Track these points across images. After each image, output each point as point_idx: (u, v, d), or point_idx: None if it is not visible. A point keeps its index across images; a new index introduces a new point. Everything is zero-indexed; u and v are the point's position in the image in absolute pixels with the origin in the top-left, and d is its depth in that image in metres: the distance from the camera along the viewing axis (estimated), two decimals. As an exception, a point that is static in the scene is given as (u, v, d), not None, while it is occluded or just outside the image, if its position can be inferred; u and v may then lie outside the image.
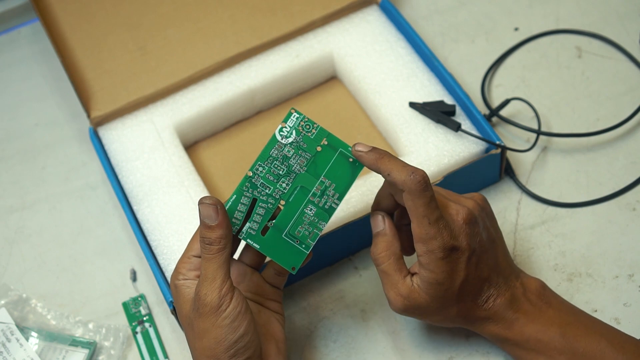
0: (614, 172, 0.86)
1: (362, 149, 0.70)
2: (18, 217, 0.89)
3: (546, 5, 0.98)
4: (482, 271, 0.70)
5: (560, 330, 0.70)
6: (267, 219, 0.70)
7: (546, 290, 0.73)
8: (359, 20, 0.92)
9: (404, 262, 0.72)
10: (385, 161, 0.69)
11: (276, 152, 0.71)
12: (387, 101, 0.87)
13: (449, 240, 0.68)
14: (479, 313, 0.71)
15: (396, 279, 0.71)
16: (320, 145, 0.71)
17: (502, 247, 0.73)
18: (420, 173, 0.67)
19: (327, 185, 0.71)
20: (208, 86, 0.89)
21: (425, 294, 0.69)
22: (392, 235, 0.72)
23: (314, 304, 0.81)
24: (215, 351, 0.67)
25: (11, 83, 0.99)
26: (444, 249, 0.68)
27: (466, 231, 0.69)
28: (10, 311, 0.81)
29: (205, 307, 0.66)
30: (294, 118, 0.71)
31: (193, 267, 0.70)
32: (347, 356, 0.78)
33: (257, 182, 0.70)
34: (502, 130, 0.89)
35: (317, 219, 0.70)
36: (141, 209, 0.83)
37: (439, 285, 0.69)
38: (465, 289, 0.70)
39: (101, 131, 0.88)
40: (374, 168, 0.69)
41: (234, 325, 0.66)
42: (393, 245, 0.72)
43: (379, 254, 0.71)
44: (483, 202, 0.73)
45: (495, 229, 0.73)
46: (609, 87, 0.91)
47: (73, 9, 0.93)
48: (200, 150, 0.90)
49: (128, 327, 0.81)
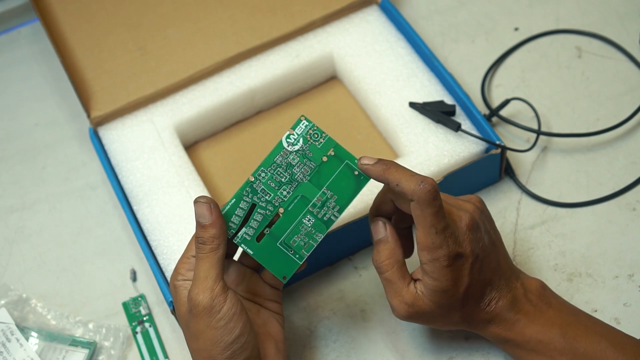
0: (614, 172, 0.86)
1: (368, 162, 0.69)
2: (18, 217, 0.89)
3: (546, 5, 0.98)
4: (485, 275, 0.70)
5: (560, 331, 0.70)
6: (263, 226, 0.70)
7: (546, 290, 0.73)
8: (359, 20, 0.92)
9: (407, 269, 0.71)
10: (392, 172, 0.68)
11: (281, 159, 0.70)
12: (387, 101, 0.87)
13: (454, 248, 0.68)
14: (482, 316, 0.71)
15: (400, 287, 0.70)
16: (326, 156, 0.70)
17: (502, 249, 0.73)
18: (430, 182, 0.67)
19: (328, 196, 0.70)
20: (208, 86, 0.89)
21: (430, 301, 0.69)
22: (395, 242, 0.71)
23: (314, 304, 0.81)
24: (211, 352, 0.67)
25: (11, 83, 0.99)
26: (449, 257, 0.68)
27: (469, 237, 0.69)
28: (10, 311, 0.81)
29: (197, 308, 0.66)
30: (302, 125, 0.71)
31: (192, 267, 0.70)
32: (347, 356, 0.78)
33: (258, 187, 0.70)
34: (502, 130, 0.89)
35: (314, 230, 0.70)
36: (141, 209, 0.83)
37: (443, 292, 0.69)
38: (469, 294, 0.70)
39: (101, 131, 0.88)
40: (382, 180, 0.69)
41: (230, 327, 0.66)
42: (396, 252, 0.71)
43: (382, 262, 0.71)
44: (482, 205, 0.73)
45: (494, 231, 0.73)
46: (609, 87, 0.91)
47: (73, 9, 0.93)
48: (200, 150, 0.90)
49: (128, 327, 0.81)
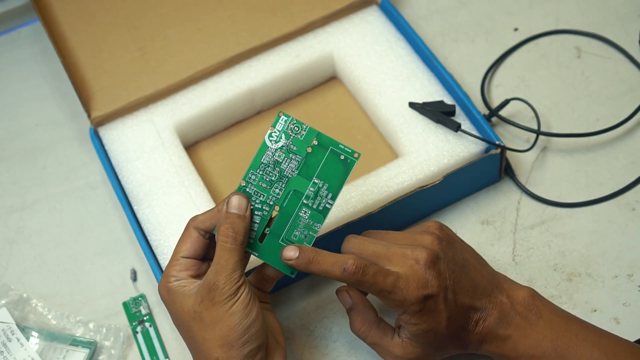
0: (613, 172, 0.86)
1: (291, 256, 0.69)
2: (18, 217, 0.89)
3: (546, 5, 0.98)
4: (463, 300, 0.70)
5: (552, 345, 0.70)
6: (263, 227, 0.70)
7: (535, 299, 0.72)
8: (359, 20, 0.92)
9: (386, 323, 0.72)
10: (315, 265, 0.68)
11: (267, 159, 0.71)
12: (387, 101, 0.87)
13: (418, 292, 0.68)
14: (473, 338, 0.71)
15: (386, 344, 0.71)
16: (310, 146, 0.71)
17: (475, 266, 0.72)
18: (351, 264, 0.67)
19: (319, 186, 0.71)
20: (208, 86, 0.89)
21: (418, 344, 0.70)
22: (363, 305, 0.72)
23: (314, 304, 0.81)
24: (228, 339, 0.67)
25: (11, 83, 0.99)
26: (417, 303, 0.68)
27: (432, 274, 0.69)
28: (10, 311, 0.81)
29: (222, 296, 0.67)
30: (282, 121, 0.71)
31: (183, 267, 0.70)
32: (347, 356, 0.78)
33: (251, 190, 0.71)
34: (501, 130, 0.89)
35: (312, 222, 0.70)
36: (141, 209, 0.83)
37: (427, 332, 0.69)
38: (453, 325, 0.70)
39: (101, 131, 0.88)
40: (310, 272, 0.69)
41: (247, 311, 0.67)
42: (368, 315, 0.72)
43: (359, 329, 0.72)
44: (439, 231, 0.72)
45: (462, 252, 0.72)
46: (609, 87, 0.91)
47: (73, 9, 0.93)
48: (200, 150, 0.90)
49: (128, 326, 0.81)
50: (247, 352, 0.67)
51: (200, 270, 0.71)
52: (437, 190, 0.81)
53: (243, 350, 0.67)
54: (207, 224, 0.70)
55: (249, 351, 0.67)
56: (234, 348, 0.67)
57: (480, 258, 0.74)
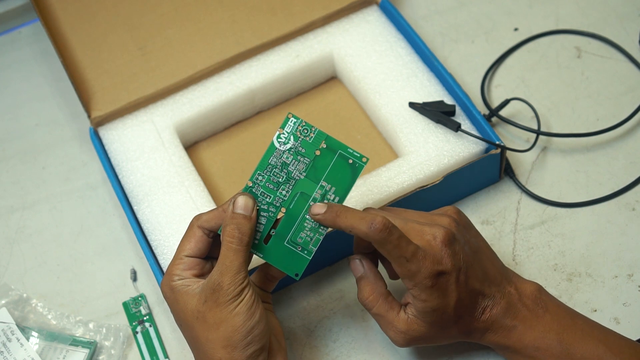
0: (613, 172, 0.86)
1: (318, 211, 0.69)
2: (18, 217, 0.89)
3: (546, 5, 0.98)
4: (473, 285, 0.70)
5: (557, 337, 0.70)
6: (269, 228, 0.70)
7: (542, 294, 0.72)
8: (359, 20, 0.92)
9: (393, 298, 0.72)
10: (342, 219, 0.69)
11: (275, 160, 0.71)
12: (387, 101, 0.87)
13: (433, 267, 0.68)
14: (478, 325, 0.71)
15: (391, 318, 0.71)
16: (319, 149, 0.71)
17: (487, 255, 0.73)
18: (379, 221, 0.67)
19: (327, 189, 0.71)
20: (208, 86, 0.89)
21: (424, 322, 0.70)
22: (374, 276, 0.72)
23: (314, 304, 0.81)
24: (231, 340, 0.67)
25: (11, 83, 0.99)
26: (430, 278, 0.68)
27: (447, 252, 0.69)
28: (10, 311, 0.81)
29: (226, 297, 0.67)
30: (291, 123, 0.71)
31: (187, 266, 0.70)
32: (347, 356, 0.78)
33: (258, 191, 0.70)
34: (501, 130, 0.89)
35: (317, 225, 0.70)
36: (141, 209, 0.83)
37: (434, 311, 0.69)
38: (461, 307, 0.70)
39: (101, 131, 0.88)
40: (335, 227, 0.69)
41: (251, 312, 0.67)
42: (377, 285, 0.72)
43: (366, 298, 0.72)
44: (458, 216, 0.72)
45: (476, 238, 0.73)
46: (609, 87, 0.91)
47: (73, 9, 0.93)
48: (200, 150, 0.90)
49: (128, 326, 0.81)
50: (250, 354, 0.68)
51: (204, 269, 0.71)
52: (437, 190, 0.81)
53: (246, 351, 0.67)
54: (211, 223, 0.70)
55: (252, 352, 0.68)
56: (237, 349, 0.67)
57: (492, 250, 0.74)
